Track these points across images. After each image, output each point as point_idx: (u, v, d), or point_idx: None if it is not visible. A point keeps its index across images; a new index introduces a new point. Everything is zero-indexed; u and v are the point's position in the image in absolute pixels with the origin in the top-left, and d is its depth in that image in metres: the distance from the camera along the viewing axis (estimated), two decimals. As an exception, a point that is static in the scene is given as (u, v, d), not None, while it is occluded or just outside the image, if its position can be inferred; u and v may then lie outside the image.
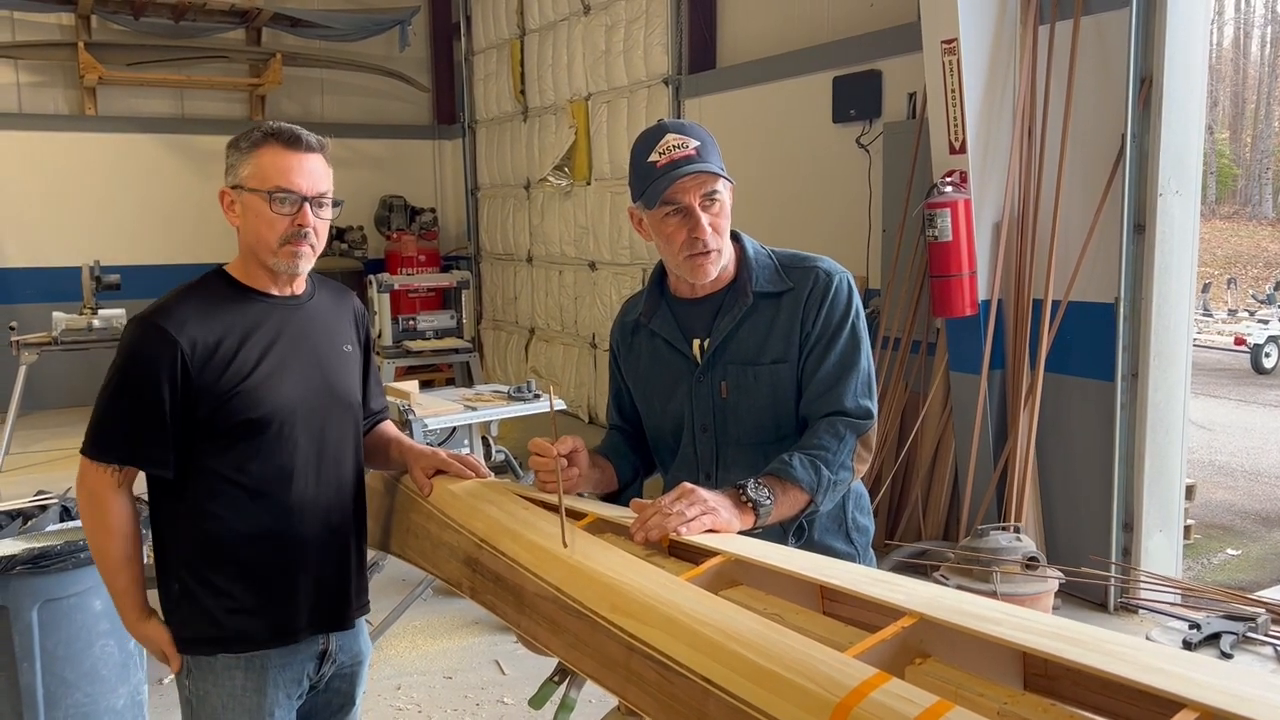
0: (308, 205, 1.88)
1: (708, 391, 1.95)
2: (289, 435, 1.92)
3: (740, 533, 1.71)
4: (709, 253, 1.88)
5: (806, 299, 1.90)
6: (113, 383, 1.87)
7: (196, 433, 1.87)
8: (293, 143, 1.88)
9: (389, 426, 2.27)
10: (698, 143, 1.84)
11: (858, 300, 1.94)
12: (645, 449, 2.15)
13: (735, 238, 1.98)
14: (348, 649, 2.11)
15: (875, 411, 1.91)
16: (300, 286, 2.02)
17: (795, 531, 1.86)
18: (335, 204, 1.95)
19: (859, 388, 1.89)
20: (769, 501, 1.74)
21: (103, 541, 1.90)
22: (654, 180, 1.83)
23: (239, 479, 1.90)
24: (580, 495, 2.01)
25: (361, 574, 2.11)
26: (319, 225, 1.92)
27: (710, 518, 1.66)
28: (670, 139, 1.84)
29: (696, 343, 1.96)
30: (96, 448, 1.88)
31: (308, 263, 1.94)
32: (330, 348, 2.03)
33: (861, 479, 1.99)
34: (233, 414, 1.86)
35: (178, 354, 1.82)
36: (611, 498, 2.08)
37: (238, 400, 1.86)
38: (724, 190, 1.86)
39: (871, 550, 2.07)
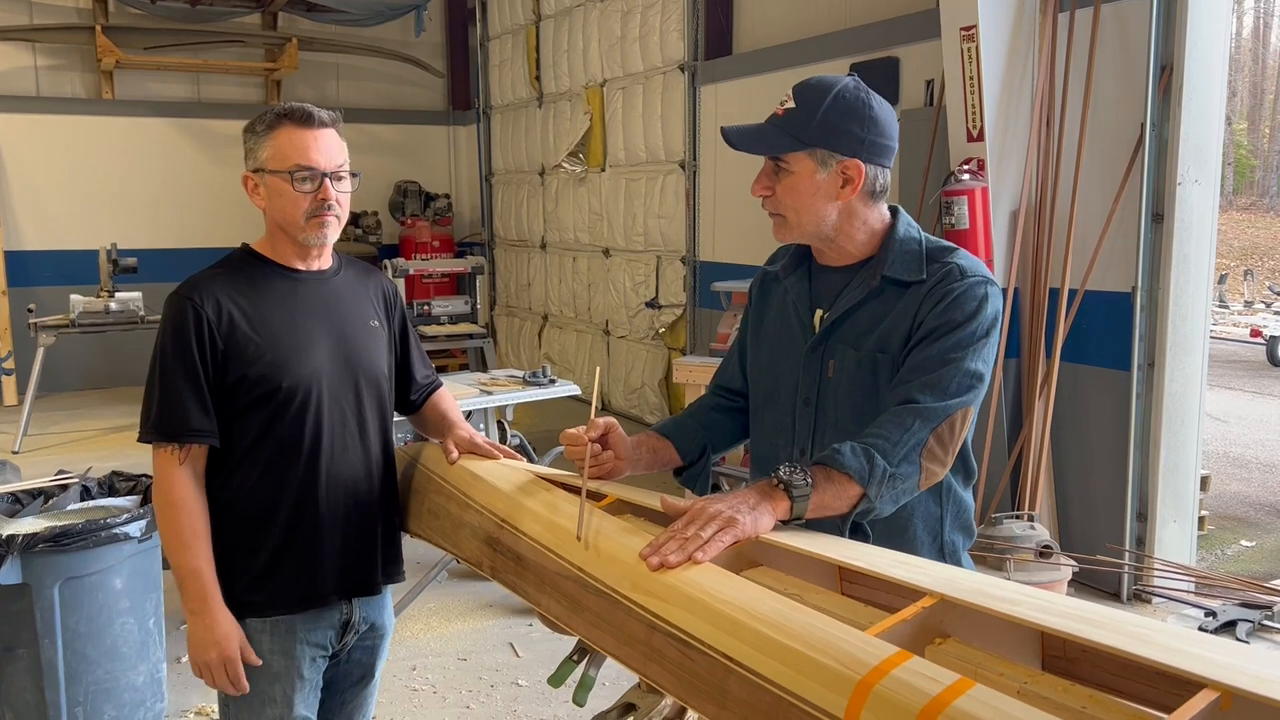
0: (327, 180, 1.95)
1: (816, 366, 1.85)
2: (313, 406, 1.97)
3: (782, 523, 1.59)
4: (771, 215, 1.82)
5: (928, 292, 1.75)
6: (154, 361, 1.94)
7: (226, 400, 1.94)
8: (306, 121, 1.95)
9: (441, 399, 2.29)
10: (793, 105, 1.77)
11: (993, 312, 1.75)
12: (730, 423, 2.08)
13: (893, 213, 1.87)
14: (370, 619, 2.15)
15: (954, 411, 1.68)
16: (326, 262, 2.08)
17: (853, 533, 1.68)
18: (353, 175, 2.01)
19: (948, 385, 1.68)
20: (805, 485, 1.57)
21: (167, 517, 1.91)
22: None
23: (264, 448, 1.96)
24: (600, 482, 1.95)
25: (391, 543, 2.15)
26: (340, 197, 1.98)
27: (728, 533, 1.51)
28: (786, 94, 1.80)
29: (819, 313, 1.87)
30: (148, 429, 1.93)
31: (335, 232, 2.01)
32: (356, 322, 2.08)
33: (970, 488, 1.87)
34: (258, 382, 1.93)
35: (204, 321, 1.90)
36: (675, 475, 2.04)
37: (263, 368, 1.93)
38: (795, 162, 1.76)
39: (969, 559, 1.94)
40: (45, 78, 9.51)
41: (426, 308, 8.39)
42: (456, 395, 4.66)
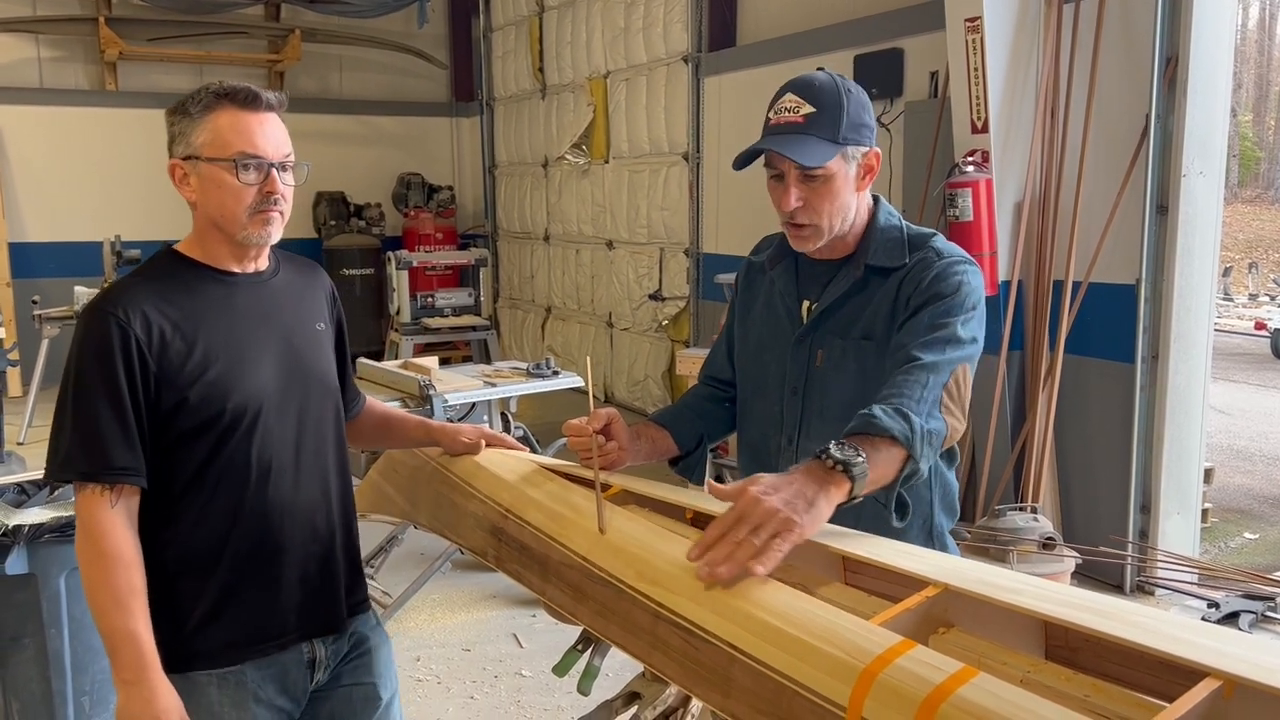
0: (274, 170, 1.71)
1: (804, 356, 1.87)
2: (264, 425, 1.75)
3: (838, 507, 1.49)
4: (801, 226, 1.79)
5: (908, 274, 1.78)
6: (69, 387, 1.67)
7: (160, 430, 1.69)
8: (251, 102, 1.71)
9: (375, 404, 2.16)
10: (812, 109, 1.72)
11: (976, 287, 1.76)
12: (724, 413, 2.09)
13: (874, 201, 1.88)
14: (344, 645, 1.92)
15: (956, 364, 1.67)
16: (264, 263, 1.84)
17: (898, 507, 1.63)
18: (297, 166, 1.78)
19: (943, 344, 1.68)
20: (860, 459, 1.47)
21: (100, 571, 1.62)
22: (761, 138, 1.77)
23: (208, 479, 1.72)
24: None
25: (355, 571, 1.94)
26: (286, 191, 1.74)
27: (786, 539, 1.38)
28: (788, 99, 1.75)
29: (806, 304, 1.89)
30: (61, 466, 1.66)
31: (279, 230, 1.77)
32: (301, 326, 1.86)
33: (953, 469, 1.88)
34: (200, 406, 1.69)
35: (132, 339, 1.64)
36: (671, 465, 2.05)
37: (205, 389, 1.69)
38: (833, 166, 1.73)
39: (952, 541, 1.95)
40: (48, 69, 9.50)
41: (430, 300, 8.38)
42: (461, 387, 4.66)
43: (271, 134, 1.73)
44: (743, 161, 1.80)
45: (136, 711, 1.62)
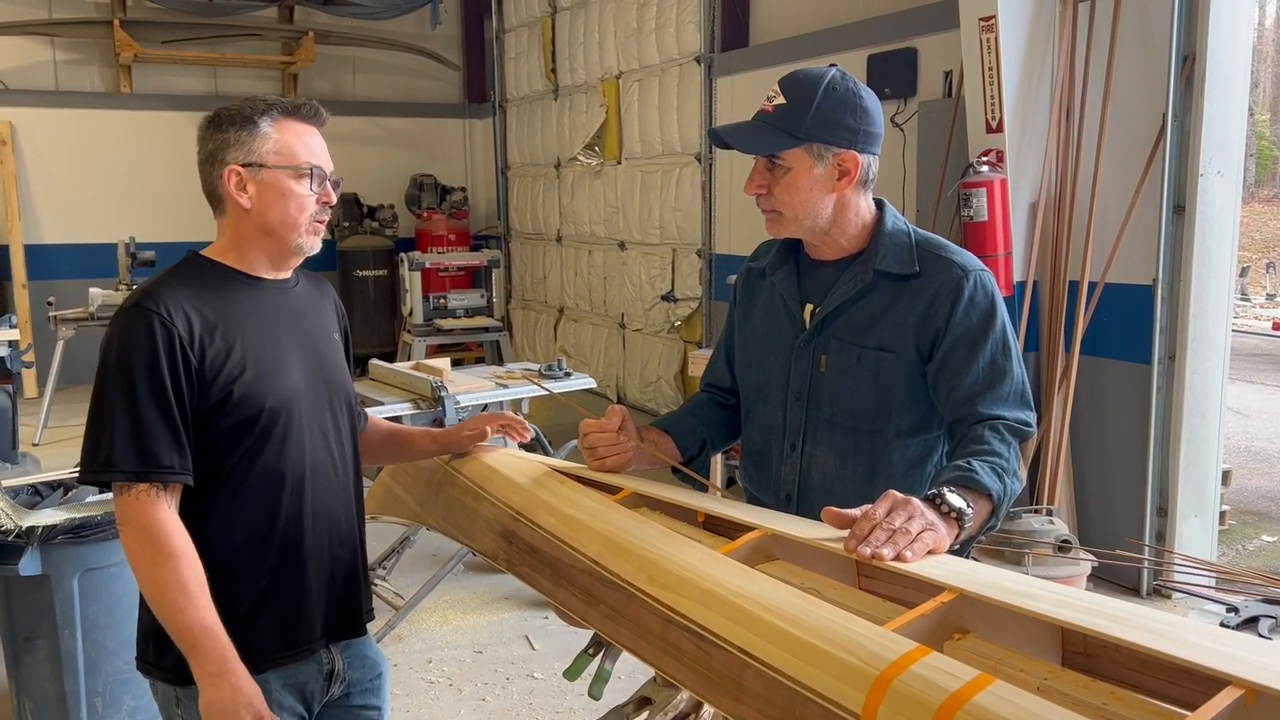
0: (329, 183, 1.80)
1: (808, 360, 1.86)
2: (297, 428, 1.77)
3: None
4: (766, 211, 1.82)
5: (934, 296, 1.77)
6: (109, 385, 1.65)
7: (199, 428, 1.69)
8: (314, 117, 1.80)
9: (383, 421, 2.19)
10: (782, 101, 1.77)
11: (1001, 303, 1.80)
12: (727, 418, 2.08)
13: (879, 206, 1.89)
14: (358, 664, 1.94)
15: (1034, 425, 1.78)
16: (287, 271, 1.88)
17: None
18: (336, 183, 1.84)
19: (1013, 397, 1.76)
20: (970, 512, 1.55)
21: (168, 571, 1.61)
22: None
23: (243, 480, 1.73)
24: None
25: (365, 579, 1.97)
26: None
27: (932, 535, 1.47)
28: (771, 89, 1.80)
29: (809, 308, 1.88)
30: (103, 466, 1.63)
31: (320, 242, 1.84)
32: (322, 333, 1.91)
33: None
34: (240, 404, 1.70)
35: (175, 337, 1.65)
36: (674, 471, 2.04)
37: (244, 389, 1.71)
38: (792, 159, 1.76)
39: None
40: (64, 72, 9.56)
41: (442, 301, 8.40)
42: (473, 388, 4.66)
43: (325, 149, 1.82)
44: (713, 140, 1.84)
45: (227, 701, 1.61)
